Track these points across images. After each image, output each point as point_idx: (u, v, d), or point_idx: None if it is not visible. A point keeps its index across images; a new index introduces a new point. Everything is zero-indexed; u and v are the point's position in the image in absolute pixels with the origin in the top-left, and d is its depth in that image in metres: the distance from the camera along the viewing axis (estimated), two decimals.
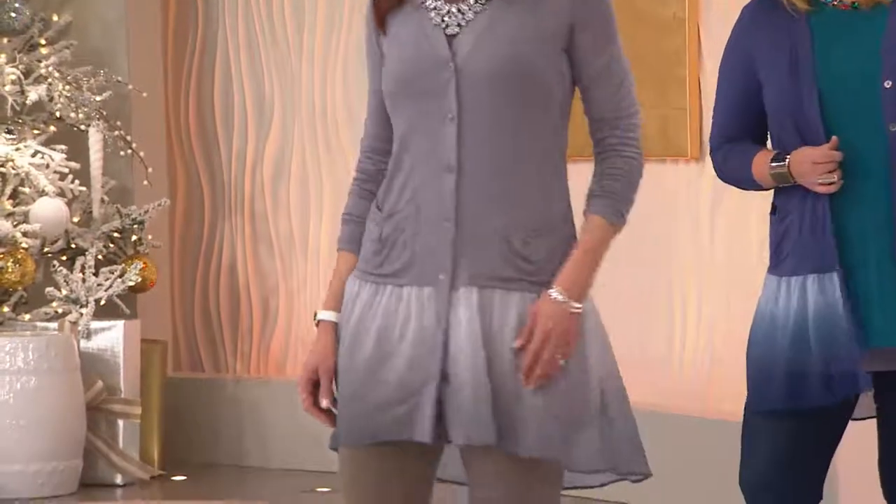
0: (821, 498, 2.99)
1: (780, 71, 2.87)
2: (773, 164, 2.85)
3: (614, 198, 2.33)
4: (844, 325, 2.79)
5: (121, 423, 6.01)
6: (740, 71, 2.97)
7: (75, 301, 6.02)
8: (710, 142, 3.09)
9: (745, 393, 4.92)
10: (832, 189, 2.78)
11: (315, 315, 2.46)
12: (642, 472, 2.42)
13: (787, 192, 2.92)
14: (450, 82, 2.30)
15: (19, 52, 6.31)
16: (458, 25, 2.31)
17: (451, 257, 2.31)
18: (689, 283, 5.67)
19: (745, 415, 3.00)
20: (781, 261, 2.93)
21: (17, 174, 6.07)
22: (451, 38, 2.31)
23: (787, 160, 2.82)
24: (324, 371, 2.40)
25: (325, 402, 2.39)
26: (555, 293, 2.27)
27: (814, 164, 2.78)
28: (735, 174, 3.03)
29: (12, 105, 6.19)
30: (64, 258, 6.23)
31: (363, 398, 2.34)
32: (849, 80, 2.84)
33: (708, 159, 5.54)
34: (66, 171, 6.14)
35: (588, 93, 2.34)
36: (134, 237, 6.36)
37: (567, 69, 2.33)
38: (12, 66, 6.20)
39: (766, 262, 3.31)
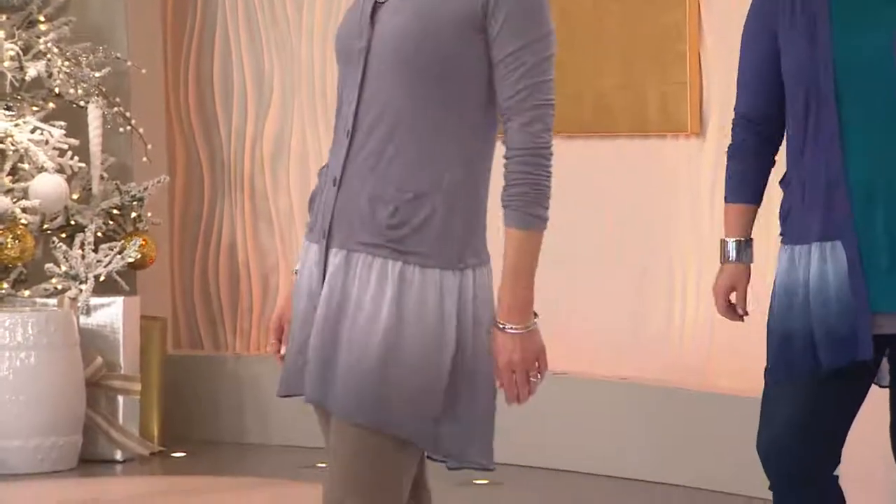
0: (839, 462, 2.99)
1: (798, 40, 2.88)
2: (724, 246, 3.06)
3: (520, 203, 2.32)
4: (847, 290, 2.81)
5: (120, 399, 6.00)
6: (763, 39, 2.99)
7: (75, 277, 6.01)
8: (734, 118, 3.12)
9: (744, 368, 4.97)
10: None
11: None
12: (481, 464, 2.41)
13: (797, 163, 2.94)
14: (362, 52, 2.39)
15: (18, 29, 6.29)
16: None
17: (329, 219, 2.40)
18: (688, 258, 5.67)
19: (765, 383, 3.01)
20: (790, 230, 2.96)
21: (17, 150, 6.06)
22: (376, 8, 2.39)
23: (721, 268, 3.06)
24: (286, 321, 2.55)
25: (281, 350, 2.55)
26: (501, 325, 2.31)
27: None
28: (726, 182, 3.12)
29: (11, 81, 6.18)
30: (63, 235, 6.22)
31: (286, 352, 2.50)
32: (864, 51, 2.85)
33: (708, 134, 5.61)
34: (66, 147, 6.13)
35: (495, 78, 2.35)
36: (133, 214, 6.35)
37: (485, 50, 2.34)
38: (11, 43, 6.18)
39: (766, 235, 3.33)
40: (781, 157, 3.07)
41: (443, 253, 2.34)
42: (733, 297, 3.05)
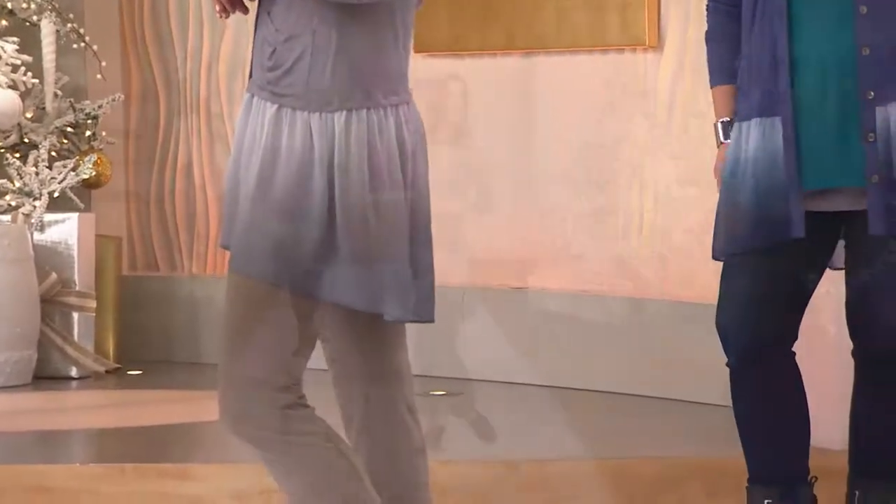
0: (795, 339, 3.01)
1: None
2: (718, 129, 3.07)
3: None
4: (781, 167, 2.84)
5: (75, 315, 5.96)
6: None
7: (28, 193, 5.95)
8: (707, 2, 3.14)
9: (703, 277, 4.98)
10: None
11: None
12: (394, 315, 2.49)
13: (747, 40, 2.94)
14: None
15: None
16: None
17: (250, 65, 2.54)
18: (646, 171, 5.66)
19: (724, 261, 3.03)
20: (739, 107, 2.98)
21: None
22: None
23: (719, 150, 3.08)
24: None
25: None
26: None
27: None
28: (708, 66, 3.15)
29: None
30: (17, 154, 6.15)
31: None
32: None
33: (666, 48, 5.60)
34: (19, 63, 6.05)
35: None
36: (88, 132, 6.28)
37: None
38: None
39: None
40: None
41: (313, 96, 2.34)
42: None
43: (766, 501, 2.99)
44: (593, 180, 5.77)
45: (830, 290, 3.29)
